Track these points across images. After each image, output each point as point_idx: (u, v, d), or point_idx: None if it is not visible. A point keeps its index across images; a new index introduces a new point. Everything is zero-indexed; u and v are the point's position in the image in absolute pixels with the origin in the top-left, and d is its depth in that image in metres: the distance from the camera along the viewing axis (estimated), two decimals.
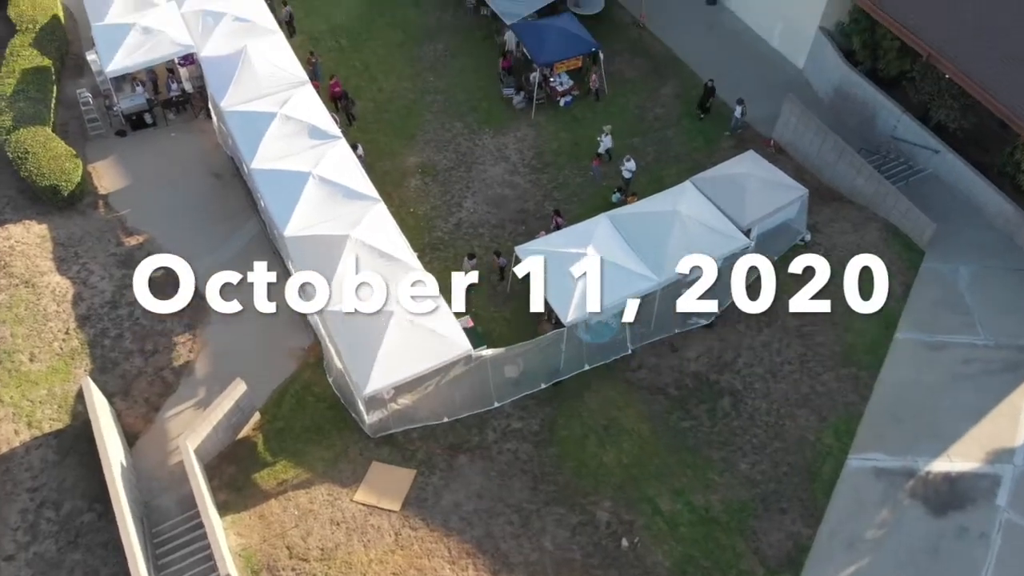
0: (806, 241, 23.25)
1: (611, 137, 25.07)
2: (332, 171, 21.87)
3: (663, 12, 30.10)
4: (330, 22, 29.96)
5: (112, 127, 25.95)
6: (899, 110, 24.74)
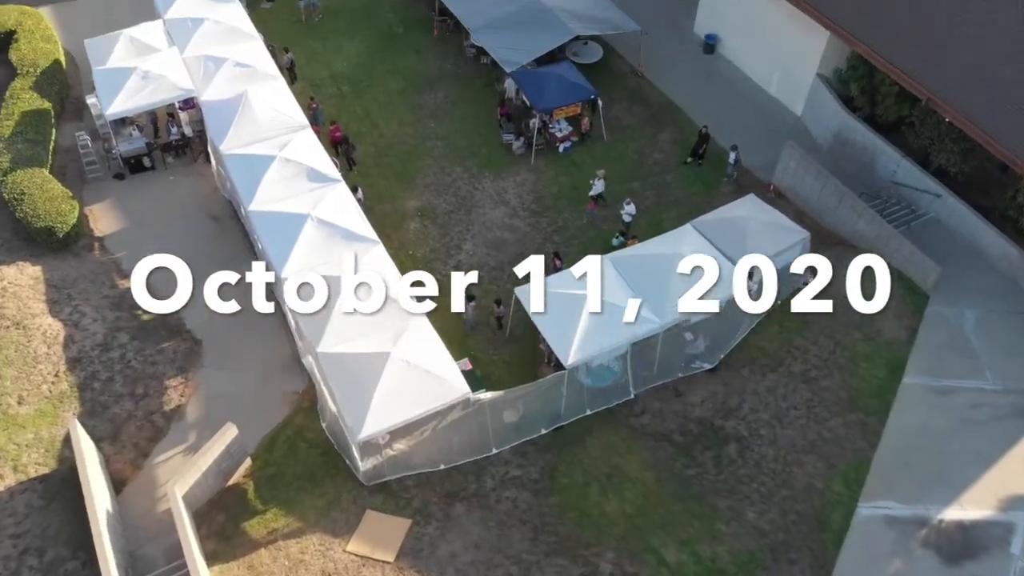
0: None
1: (604, 181, 25.01)
2: (331, 213, 21.73)
3: (660, 61, 30.36)
4: (331, 69, 30.17)
5: (110, 170, 25.88)
6: (899, 155, 24.74)
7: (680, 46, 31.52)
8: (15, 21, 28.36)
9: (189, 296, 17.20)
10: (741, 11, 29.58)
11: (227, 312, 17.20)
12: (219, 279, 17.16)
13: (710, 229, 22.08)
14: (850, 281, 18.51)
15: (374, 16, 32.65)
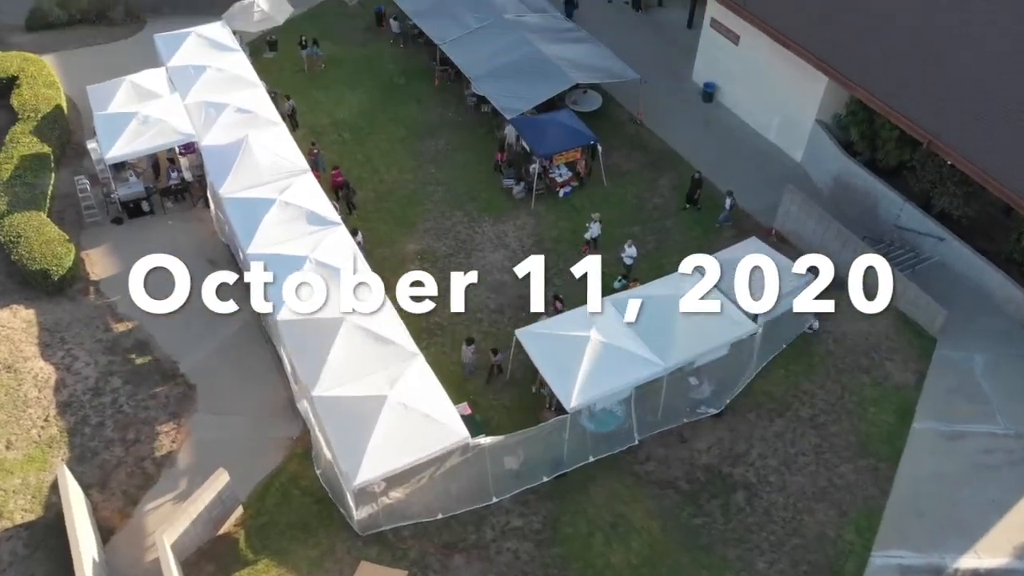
0: (814, 329, 22.69)
1: (599, 225, 24.87)
2: (329, 256, 21.50)
3: (659, 109, 30.56)
4: (333, 117, 30.32)
5: (109, 215, 25.74)
6: (901, 199, 24.66)
7: (679, 94, 31.78)
8: (18, 67, 28.60)
9: (186, 298, 17.29)
10: (738, 59, 29.88)
11: (225, 312, 17.40)
12: (217, 279, 17.31)
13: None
14: (852, 281, 18.63)
15: (376, 67, 32.97)
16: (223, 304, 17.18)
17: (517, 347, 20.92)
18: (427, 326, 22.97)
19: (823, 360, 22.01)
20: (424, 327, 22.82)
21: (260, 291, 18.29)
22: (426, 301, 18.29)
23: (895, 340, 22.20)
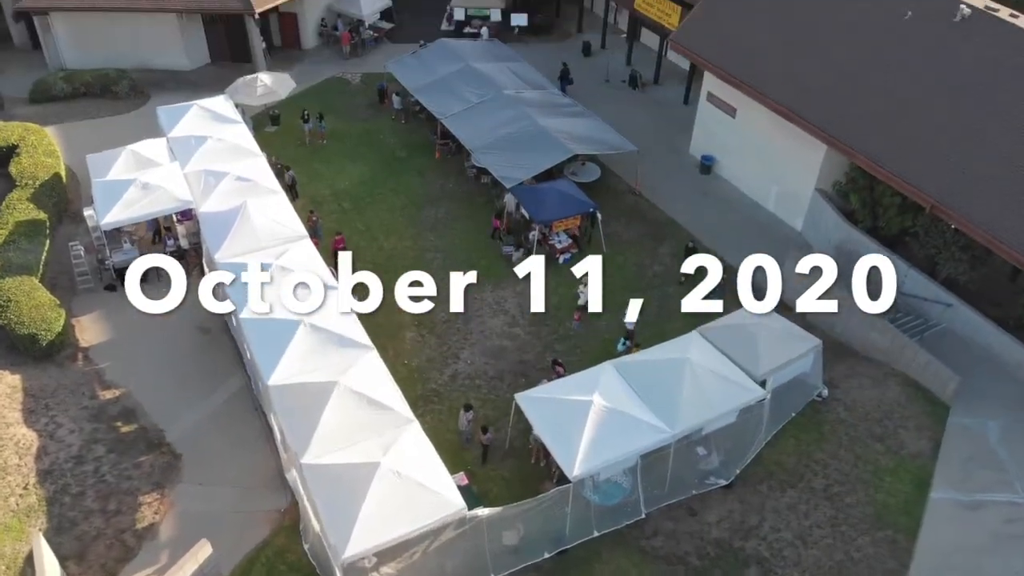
0: (823, 397, 22.03)
1: (590, 288, 24.47)
2: (324, 319, 20.99)
3: (657, 181, 30.66)
4: (334, 188, 30.35)
5: (102, 281, 25.37)
6: (905, 265, 24.34)
7: (676, 167, 31.93)
8: (19, 136, 28.76)
9: (182, 299, 18.02)
10: (736, 132, 30.15)
11: (222, 312, 18.14)
12: (214, 279, 18.25)
13: (718, 336, 21.29)
14: (856, 281, 18.90)
15: (377, 141, 33.25)
16: (220, 304, 18.14)
17: (517, 412, 20.21)
18: (423, 392, 22.34)
19: (834, 428, 21.26)
20: (420, 394, 22.19)
21: (258, 292, 18.28)
22: (425, 301, 17.74)
23: (907, 407, 21.50)
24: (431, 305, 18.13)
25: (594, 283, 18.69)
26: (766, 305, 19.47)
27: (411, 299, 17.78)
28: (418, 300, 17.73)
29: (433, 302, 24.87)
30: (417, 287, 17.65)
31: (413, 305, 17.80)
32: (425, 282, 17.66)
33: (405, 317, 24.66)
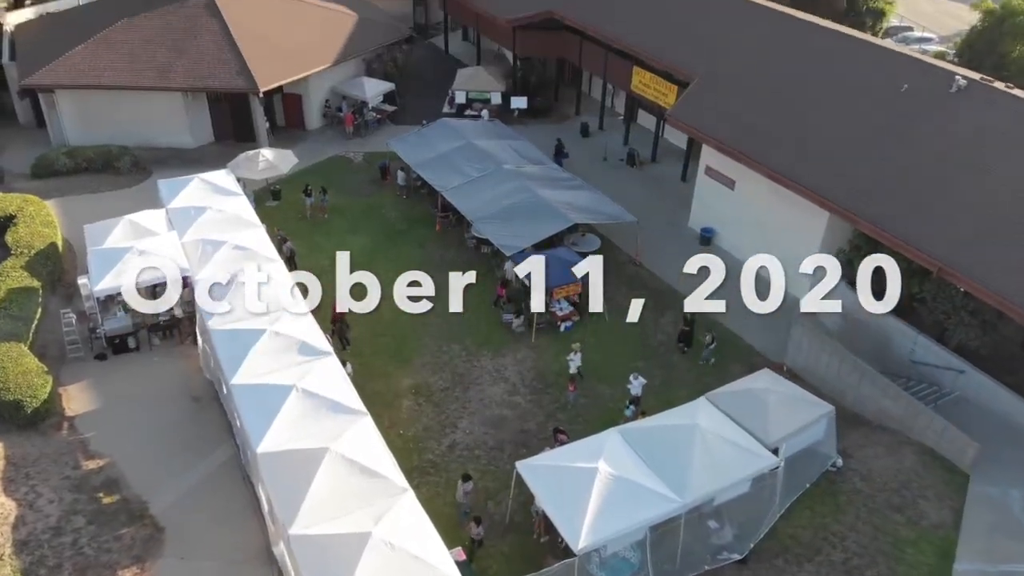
0: (838, 467, 21.13)
1: (580, 355, 23.88)
2: (317, 384, 20.29)
3: (658, 252, 30.42)
4: (332, 259, 29.93)
5: (92, 350, 24.78)
6: (914, 332, 23.81)
7: (676, 239, 31.75)
8: (17, 207, 28.71)
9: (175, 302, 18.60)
10: (735, 204, 30.12)
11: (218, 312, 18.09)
12: (210, 279, 18.59)
13: (727, 402, 20.57)
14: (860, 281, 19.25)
15: (378, 215, 33.25)
16: (217, 304, 18.47)
17: (518, 483, 19.30)
18: (419, 463, 21.46)
19: (851, 499, 20.27)
20: (416, 464, 21.31)
21: (255, 292, 18.18)
22: (423, 301, 17.09)
23: (925, 476, 20.59)
24: (430, 305, 17.50)
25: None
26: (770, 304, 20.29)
27: (410, 299, 17.16)
28: (417, 300, 17.10)
29: (432, 369, 24.63)
30: (416, 287, 17.05)
31: (412, 305, 17.14)
32: (424, 282, 17.06)
33: (402, 384, 24.08)
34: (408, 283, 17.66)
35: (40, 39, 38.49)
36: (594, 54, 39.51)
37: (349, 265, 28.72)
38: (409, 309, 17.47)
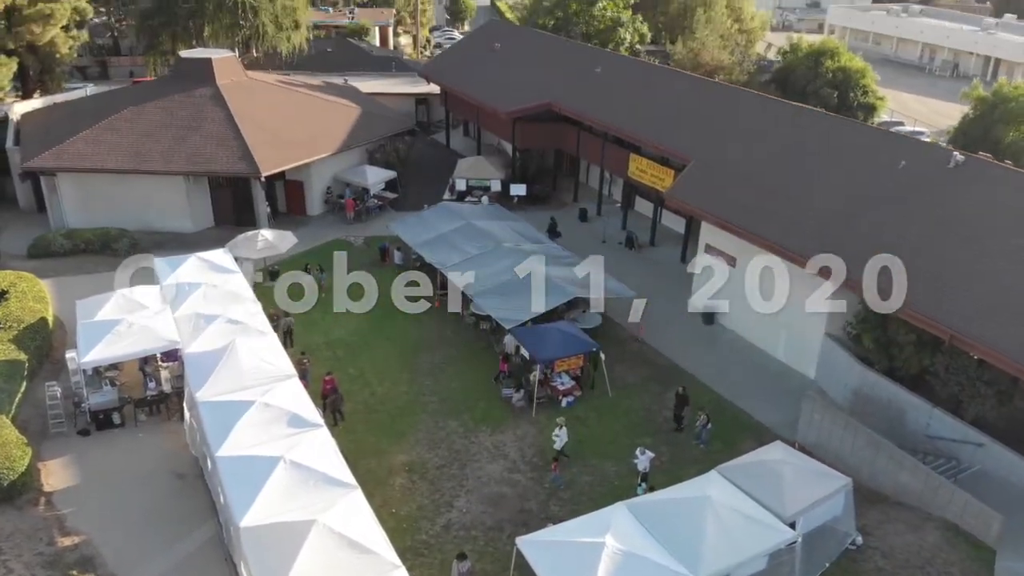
0: (858, 544, 19.89)
1: (566, 430, 22.89)
2: (306, 456, 19.34)
3: (660, 331, 29.92)
4: (328, 336, 29.51)
5: (76, 426, 23.85)
6: (929, 406, 22.96)
7: (679, 318, 31.26)
8: (10, 283, 28.39)
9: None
10: (737, 280, 29.73)
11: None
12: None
13: (739, 475, 19.52)
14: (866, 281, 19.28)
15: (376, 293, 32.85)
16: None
17: (518, 565, 18.10)
18: (412, 544, 20.23)
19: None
20: (409, 545, 20.08)
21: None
22: (421, 301, 16.13)
23: (949, 553, 19.36)
24: (428, 305, 16.71)
25: (597, 283, 17.34)
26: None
27: (408, 299, 16.42)
28: (415, 300, 16.32)
29: (427, 445, 23.64)
30: (414, 287, 16.30)
31: (411, 305, 16.36)
32: (422, 282, 16.30)
33: (395, 461, 23.05)
34: (406, 283, 17.08)
35: (45, 125, 39.17)
36: (591, 143, 40.21)
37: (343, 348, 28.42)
38: (408, 310, 16.71)
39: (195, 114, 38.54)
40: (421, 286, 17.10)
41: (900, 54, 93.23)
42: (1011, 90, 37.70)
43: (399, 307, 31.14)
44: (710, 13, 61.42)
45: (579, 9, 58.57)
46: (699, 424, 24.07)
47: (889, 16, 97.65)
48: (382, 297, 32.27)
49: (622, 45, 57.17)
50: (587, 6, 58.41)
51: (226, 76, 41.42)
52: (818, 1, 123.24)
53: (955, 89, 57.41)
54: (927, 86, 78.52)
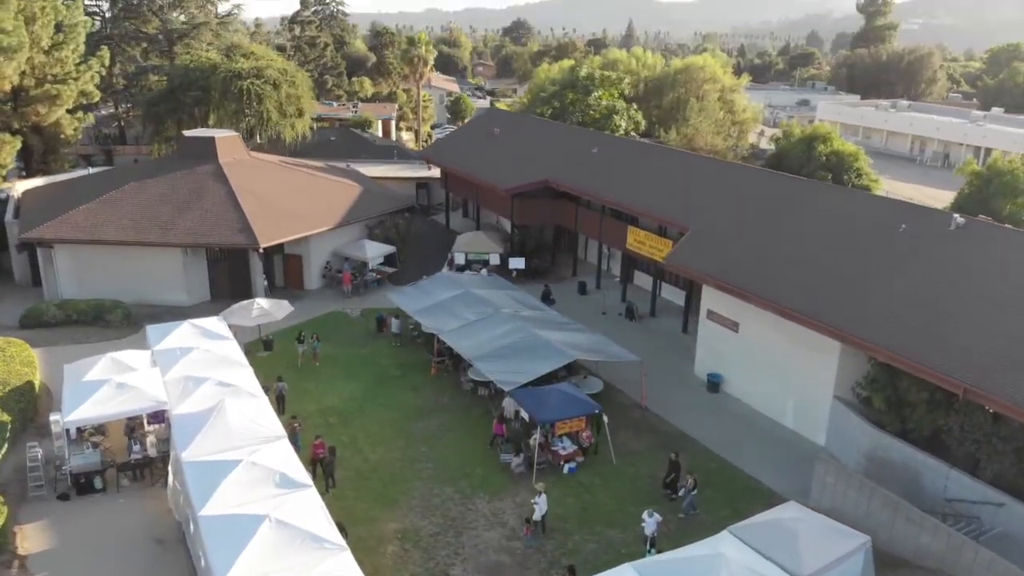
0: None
1: (546, 496, 21.75)
2: (293, 515, 18.32)
3: (664, 399, 29.15)
4: (321, 404, 28.68)
5: (56, 490, 22.78)
6: (946, 467, 22.00)
7: (682, 386, 30.58)
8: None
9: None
10: (741, 347, 29.22)
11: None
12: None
13: (753, 535, 18.39)
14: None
15: (372, 362, 32.22)
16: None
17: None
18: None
19: None
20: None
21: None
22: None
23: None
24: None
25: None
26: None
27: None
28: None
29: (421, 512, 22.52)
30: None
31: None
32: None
33: (387, 528, 21.88)
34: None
35: (45, 199, 39.43)
36: (589, 218, 40.42)
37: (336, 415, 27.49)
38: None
39: (196, 189, 38.80)
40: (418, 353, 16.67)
41: (890, 147, 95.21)
42: (1006, 164, 38.07)
43: (394, 374, 30.84)
44: (703, 103, 63.01)
45: (575, 99, 60.13)
46: (683, 489, 22.94)
47: (878, 111, 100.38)
48: (377, 365, 31.87)
49: (617, 132, 58.35)
50: (583, 95, 59.99)
51: (228, 154, 41.97)
52: (807, 100, 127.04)
53: (947, 178, 58.25)
54: (919, 175, 79.78)
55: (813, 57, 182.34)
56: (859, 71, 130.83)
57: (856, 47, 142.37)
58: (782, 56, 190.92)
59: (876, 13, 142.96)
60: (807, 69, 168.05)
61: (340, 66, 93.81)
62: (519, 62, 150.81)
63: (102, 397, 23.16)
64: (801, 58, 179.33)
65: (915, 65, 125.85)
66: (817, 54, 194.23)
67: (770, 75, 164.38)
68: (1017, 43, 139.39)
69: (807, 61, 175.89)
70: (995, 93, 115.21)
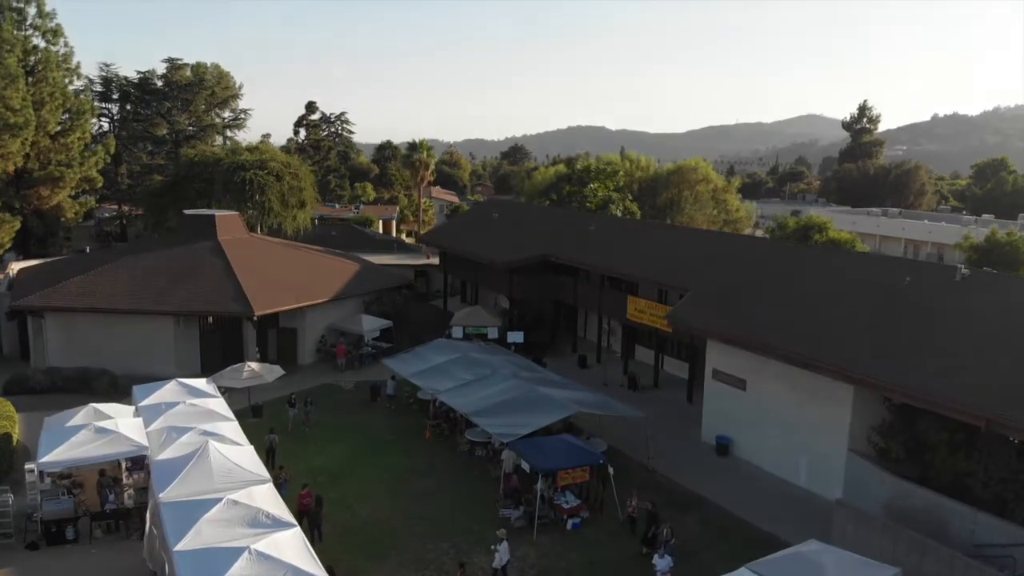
0: None
1: (507, 545, 20.26)
2: (274, 549, 16.93)
3: (672, 462, 27.89)
4: (310, 464, 27.30)
5: (25, 539, 21.27)
6: (972, 510, 20.67)
7: (690, 450, 29.32)
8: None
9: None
10: (749, 406, 28.20)
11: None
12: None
13: (773, 570, 16.95)
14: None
15: (365, 427, 31.06)
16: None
17: None
18: None
19: None
20: None
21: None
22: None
23: None
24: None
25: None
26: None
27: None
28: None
29: (412, 567, 20.98)
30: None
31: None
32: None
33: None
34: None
35: (40, 273, 39.09)
36: (588, 290, 40.20)
37: (325, 475, 26.18)
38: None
39: (193, 263, 38.63)
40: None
41: (884, 250, 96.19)
42: (1004, 237, 38.22)
43: (388, 437, 29.62)
44: (697, 195, 64.10)
45: (572, 190, 61.20)
46: (661, 536, 21.30)
47: (870, 217, 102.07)
48: (370, 430, 30.65)
49: None
50: (579, 187, 61.08)
51: (228, 232, 42.07)
52: (799, 211, 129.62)
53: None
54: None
55: (803, 175, 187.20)
56: (848, 184, 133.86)
57: (844, 163, 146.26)
58: (772, 176, 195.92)
59: (863, 131, 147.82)
60: (797, 184, 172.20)
61: (342, 169, 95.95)
62: (517, 178, 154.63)
63: (80, 440, 22.05)
64: (791, 175, 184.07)
65: (903, 178, 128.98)
66: (806, 171, 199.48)
67: (761, 192, 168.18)
68: (1003, 157, 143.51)
69: (797, 178, 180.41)
70: (984, 202, 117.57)
